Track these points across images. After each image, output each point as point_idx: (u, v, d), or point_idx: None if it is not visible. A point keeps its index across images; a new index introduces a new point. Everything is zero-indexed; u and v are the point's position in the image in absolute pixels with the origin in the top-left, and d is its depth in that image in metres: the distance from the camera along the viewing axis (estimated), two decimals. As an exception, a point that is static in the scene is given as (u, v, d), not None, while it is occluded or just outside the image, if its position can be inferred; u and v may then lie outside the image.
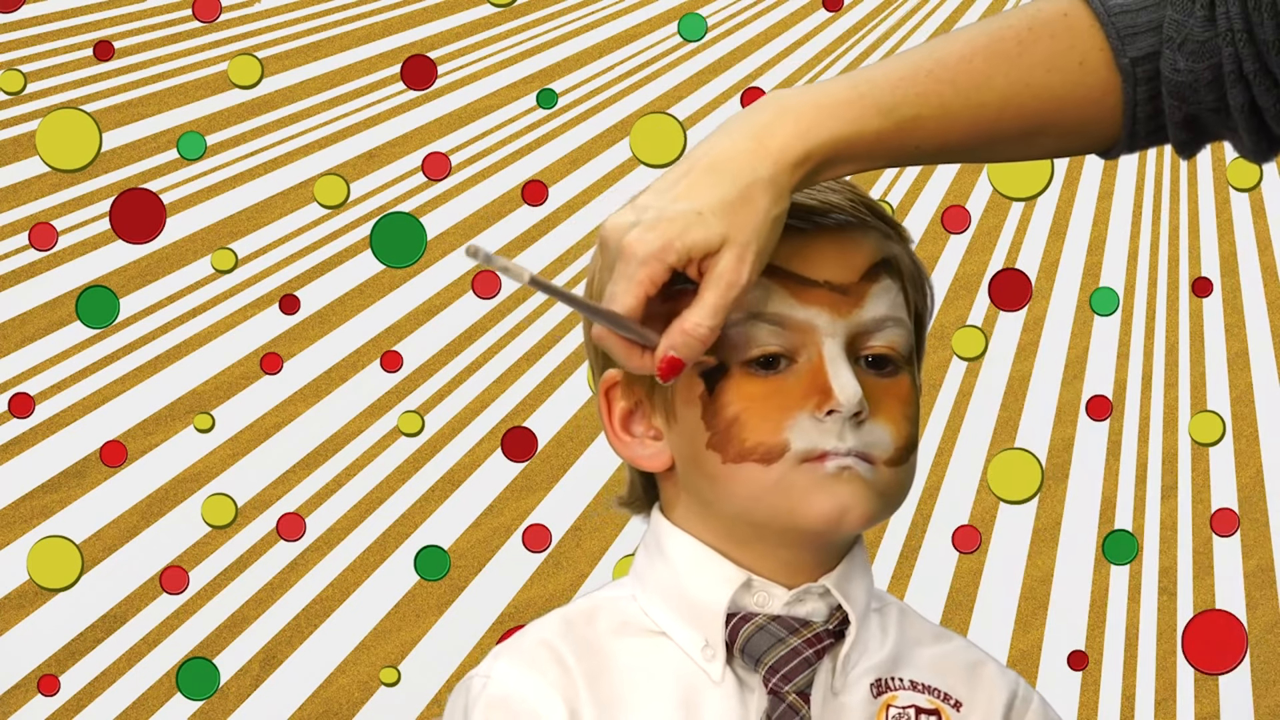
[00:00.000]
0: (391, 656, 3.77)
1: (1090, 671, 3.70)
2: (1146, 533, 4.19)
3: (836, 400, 1.18)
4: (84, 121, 3.58)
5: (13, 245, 4.88)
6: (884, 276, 1.22)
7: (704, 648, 1.22)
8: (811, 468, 1.19)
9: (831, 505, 1.18)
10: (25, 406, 4.00)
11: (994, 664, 1.29)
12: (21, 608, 3.86)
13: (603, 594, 1.28)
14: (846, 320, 1.20)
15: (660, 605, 1.24)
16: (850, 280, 1.20)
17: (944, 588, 3.95)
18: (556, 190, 4.35)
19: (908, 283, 1.24)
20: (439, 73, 4.17)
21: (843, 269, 1.20)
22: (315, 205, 4.08)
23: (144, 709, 3.61)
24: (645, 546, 1.27)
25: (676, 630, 1.23)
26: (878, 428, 1.20)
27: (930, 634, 1.29)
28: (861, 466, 1.19)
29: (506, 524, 4.15)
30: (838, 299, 1.20)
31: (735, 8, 6.17)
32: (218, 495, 3.79)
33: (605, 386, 1.26)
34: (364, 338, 4.78)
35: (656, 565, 1.25)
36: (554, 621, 1.27)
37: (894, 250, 1.24)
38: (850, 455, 1.19)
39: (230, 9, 5.66)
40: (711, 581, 1.22)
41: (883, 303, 1.21)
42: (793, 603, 1.22)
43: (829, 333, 1.19)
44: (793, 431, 1.19)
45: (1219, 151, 6.97)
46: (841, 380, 1.18)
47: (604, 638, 1.24)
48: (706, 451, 1.20)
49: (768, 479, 1.19)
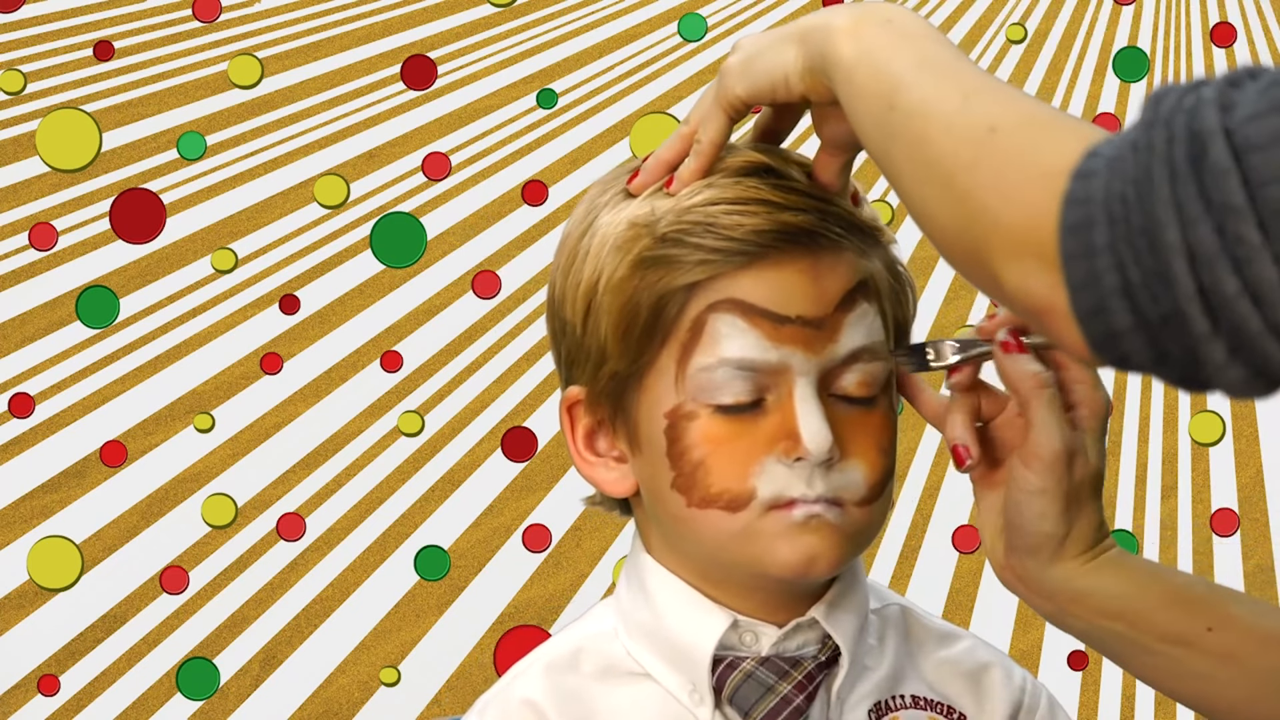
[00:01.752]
0: (391, 656, 3.77)
1: (1090, 671, 3.70)
2: (1146, 533, 4.19)
3: (804, 447, 1.13)
4: (84, 121, 3.58)
5: (13, 245, 4.88)
6: (859, 302, 1.16)
7: (691, 691, 1.18)
8: (779, 515, 1.14)
9: (799, 555, 1.14)
10: (25, 406, 4.00)
11: (1000, 668, 1.26)
12: (21, 608, 3.86)
13: (585, 630, 1.24)
14: (820, 357, 1.15)
15: (644, 648, 1.20)
16: (824, 313, 1.15)
17: (944, 588, 3.95)
18: (556, 190, 4.34)
19: (885, 301, 1.19)
20: (439, 73, 4.16)
21: (815, 301, 1.15)
22: (315, 205, 4.08)
23: (144, 709, 3.61)
24: (628, 579, 1.23)
25: (662, 674, 1.19)
26: (850, 469, 1.16)
27: (935, 636, 1.26)
28: (831, 513, 1.14)
29: (506, 524, 4.15)
30: (811, 335, 1.15)
31: (735, 8, 6.16)
32: (218, 495, 3.78)
33: (567, 404, 1.21)
34: (364, 338, 4.78)
35: (639, 604, 1.21)
36: (537, 676, 1.22)
37: (870, 268, 1.18)
38: (819, 502, 1.14)
39: (230, 9, 5.66)
40: (696, 624, 1.19)
41: (858, 332, 1.16)
42: (781, 640, 1.19)
43: (801, 371, 1.15)
44: (760, 478, 1.14)
45: (1219, 151, 6.99)
46: (811, 427, 1.13)
47: (588, 684, 1.21)
48: (671, 491, 1.16)
49: (733, 526, 1.14)
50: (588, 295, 1.18)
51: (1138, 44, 6.14)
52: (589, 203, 1.21)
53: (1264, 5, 6.80)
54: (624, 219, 1.17)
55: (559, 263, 1.21)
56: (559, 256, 1.21)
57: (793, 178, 1.18)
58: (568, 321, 1.19)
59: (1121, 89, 6.62)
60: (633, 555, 1.23)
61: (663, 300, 1.15)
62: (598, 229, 1.18)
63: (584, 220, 1.20)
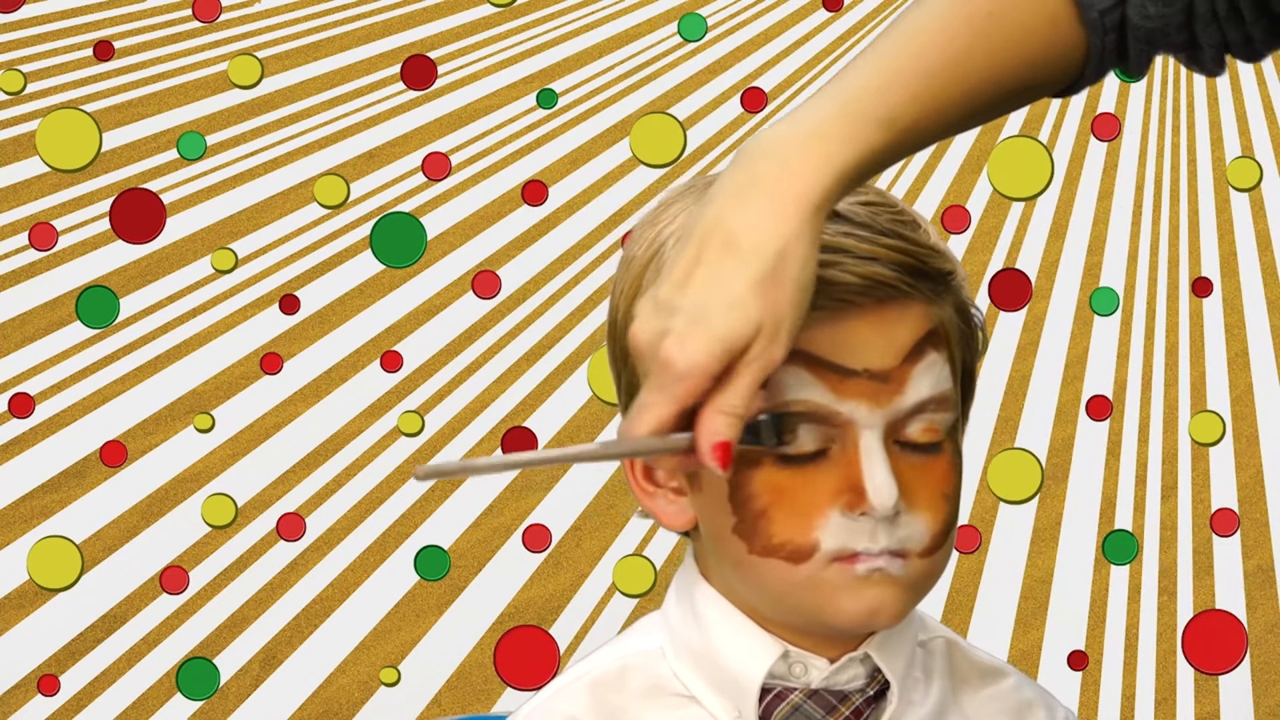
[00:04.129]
0: (391, 656, 3.77)
1: (1090, 671, 3.70)
2: (1146, 533, 4.19)
3: (870, 504, 1.10)
4: (84, 121, 3.58)
5: (13, 245, 4.88)
6: (929, 352, 1.13)
7: (738, 718, 1.16)
8: (842, 568, 1.12)
9: (861, 608, 1.11)
10: (25, 406, 3.99)
11: (1044, 707, 1.24)
12: (21, 608, 3.86)
13: (631, 646, 1.21)
14: (885, 409, 1.11)
15: (692, 670, 1.18)
16: (891, 365, 1.11)
17: (944, 588, 3.95)
18: (556, 190, 4.35)
19: (955, 346, 1.15)
20: (439, 73, 4.16)
21: (883, 353, 1.11)
22: (315, 205, 4.08)
23: (144, 709, 3.61)
24: (679, 599, 1.20)
25: (708, 698, 1.17)
26: (914, 521, 1.13)
27: (979, 672, 1.23)
28: (894, 565, 1.12)
29: (506, 524, 4.15)
30: (877, 388, 1.11)
31: (735, 8, 6.16)
32: (218, 495, 3.78)
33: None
34: (364, 338, 4.78)
35: (689, 626, 1.18)
36: (581, 692, 1.19)
37: (940, 316, 1.14)
38: (882, 555, 1.11)
39: (230, 9, 5.66)
40: (747, 652, 1.16)
41: (925, 383, 1.13)
42: (833, 674, 1.16)
43: (867, 424, 1.11)
44: (823, 531, 1.11)
45: (1219, 151, 6.97)
46: (877, 481, 1.10)
47: (634, 704, 1.18)
48: (731, 536, 1.13)
49: (796, 577, 1.12)
50: None
51: (1138, 44, 6.14)
52: (654, 225, 1.16)
53: (1264, 5, 6.79)
54: None
55: (622, 285, 1.17)
56: (621, 279, 1.17)
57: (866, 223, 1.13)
58: (628, 349, 1.14)
59: (1121, 89, 6.62)
60: (686, 574, 1.20)
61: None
62: (664, 256, 1.13)
63: (649, 245, 1.15)
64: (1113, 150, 6.68)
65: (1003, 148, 3.38)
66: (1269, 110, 7.52)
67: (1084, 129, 6.74)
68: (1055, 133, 6.87)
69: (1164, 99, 7.22)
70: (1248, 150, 6.87)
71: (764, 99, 3.92)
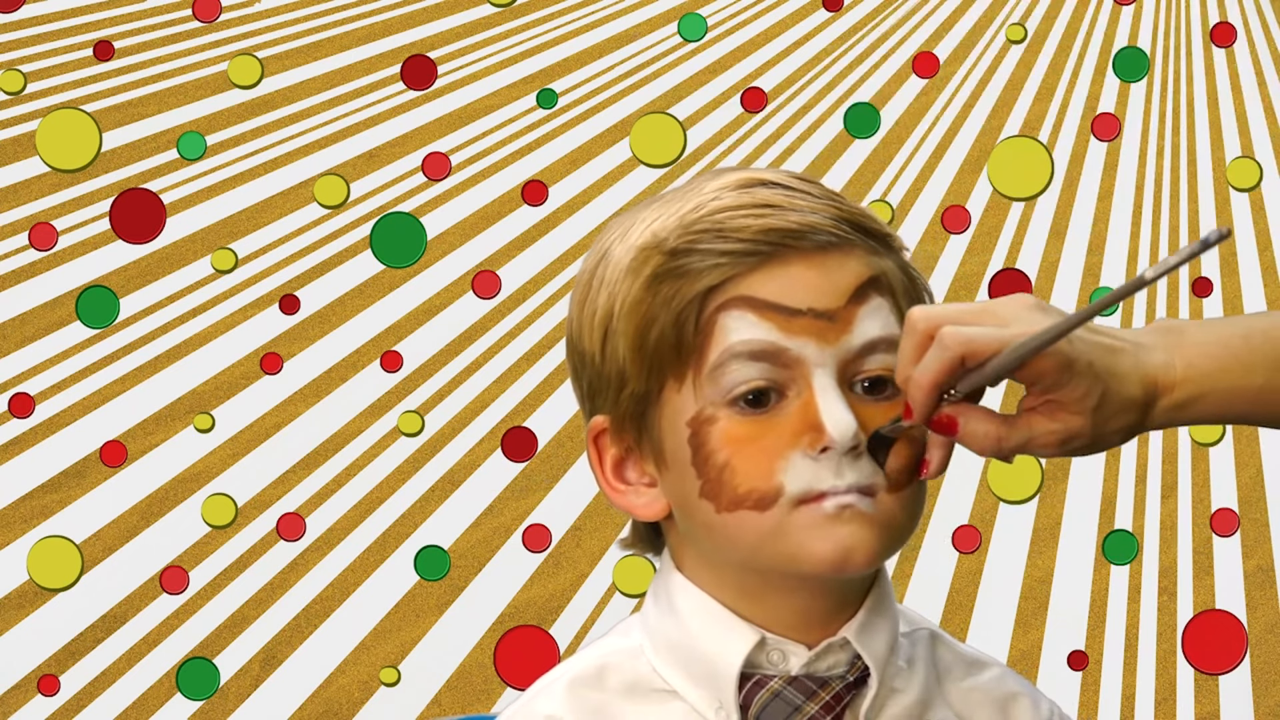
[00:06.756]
0: (391, 656, 3.77)
1: (1090, 671, 3.70)
2: (1146, 533, 4.19)
3: (829, 436, 1.12)
4: (84, 121, 3.58)
5: (13, 245, 4.88)
6: (872, 296, 1.16)
7: (718, 709, 1.17)
8: (809, 510, 1.13)
9: (834, 548, 1.12)
10: (25, 406, 4.00)
11: (1028, 698, 1.25)
12: (21, 608, 3.86)
13: (610, 645, 1.23)
14: (835, 347, 1.14)
15: (671, 664, 1.19)
16: (836, 305, 1.15)
17: (944, 588, 3.95)
18: (556, 190, 4.35)
19: (900, 297, 1.18)
20: (439, 73, 4.17)
21: (827, 294, 1.15)
22: (315, 205, 4.08)
23: (144, 709, 3.61)
24: (655, 596, 1.22)
25: (688, 691, 1.18)
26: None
27: (962, 664, 1.24)
28: (863, 502, 1.13)
29: (506, 524, 4.15)
30: (824, 326, 1.14)
31: (735, 8, 6.17)
32: (218, 495, 3.79)
33: (594, 434, 1.20)
34: (364, 338, 4.78)
35: (666, 621, 1.20)
36: (561, 690, 1.21)
37: (882, 265, 1.18)
38: (850, 492, 1.13)
39: (230, 9, 5.66)
40: (723, 641, 1.17)
41: (873, 324, 1.15)
42: (812, 661, 1.17)
43: (818, 363, 1.14)
44: (787, 474, 1.13)
45: (1219, 151, 6.97)
46: (834, 414, 1.12)
47: (614, 701, 1.20)
48: (700, 501, 1.15)
49: (764, 525, 1.13)
50: (604, 322, 1.18)
51: (1138, 44, 6.14)
52: (600, 241, 1.21)
53: (1264, 5, 6.80)
54: (633, 245, 1.17)
55: (575, 298, 1.21)
56: (575, 293, 1.21)
57: (798, 188, 1.18)
58: (586, 352, 1.19)
59: (1122, 89, 6.63)
60: (662, 573, 1.22)
61: (678, 314, 1.15)
62: (610, 259, 1.19)
63: (596, 255, 1.20)
64: (1113, 150, 6.69)
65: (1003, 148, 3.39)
66: (1269, 110, 7.52)
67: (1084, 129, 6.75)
68: (1055, 133, 6.88)
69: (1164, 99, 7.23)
70: (1248, 150, 6.87)
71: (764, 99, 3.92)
